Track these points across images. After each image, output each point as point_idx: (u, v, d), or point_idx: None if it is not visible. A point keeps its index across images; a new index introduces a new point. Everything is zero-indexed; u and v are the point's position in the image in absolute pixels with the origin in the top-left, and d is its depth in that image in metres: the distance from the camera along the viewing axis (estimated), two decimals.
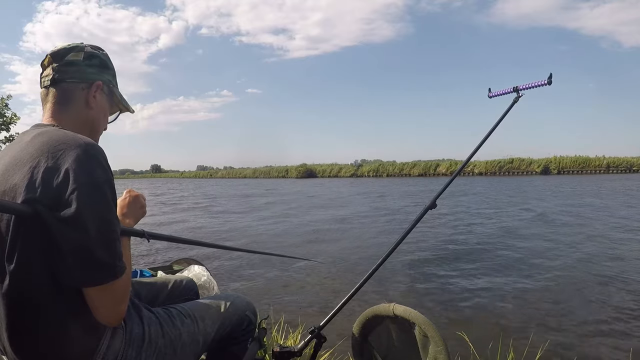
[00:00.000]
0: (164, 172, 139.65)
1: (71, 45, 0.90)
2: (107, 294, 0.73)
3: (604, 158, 37.41)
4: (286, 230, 7.82)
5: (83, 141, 0.74)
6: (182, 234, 7.79)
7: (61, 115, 0.86)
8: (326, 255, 5.39)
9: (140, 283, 1.20)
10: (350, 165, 53.59)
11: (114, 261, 0.72)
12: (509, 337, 2.43)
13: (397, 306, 1.14)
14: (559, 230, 6.62)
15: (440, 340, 1.04)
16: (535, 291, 3.61)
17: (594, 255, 4.82)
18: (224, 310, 1.09)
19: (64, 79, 0.87)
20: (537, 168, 38.36)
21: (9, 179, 0.72)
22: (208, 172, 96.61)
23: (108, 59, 0.96)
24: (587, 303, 3.26)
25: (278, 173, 60.49)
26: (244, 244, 6.50)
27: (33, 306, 0.73)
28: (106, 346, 0.80)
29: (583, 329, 2.76)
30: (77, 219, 0.67)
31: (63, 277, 0.70)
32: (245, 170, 75.87)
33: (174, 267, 2.04)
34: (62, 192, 0.67)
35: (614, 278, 3.88)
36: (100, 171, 0.72)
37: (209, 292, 1.72)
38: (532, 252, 5.15)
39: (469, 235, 6.48)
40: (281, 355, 1.21)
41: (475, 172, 40.41)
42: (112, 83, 0.96)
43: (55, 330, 0.74)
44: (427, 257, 5.05)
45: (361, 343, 1.24)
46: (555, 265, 4.42)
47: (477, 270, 4.35)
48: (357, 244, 6.19)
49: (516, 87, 1.48)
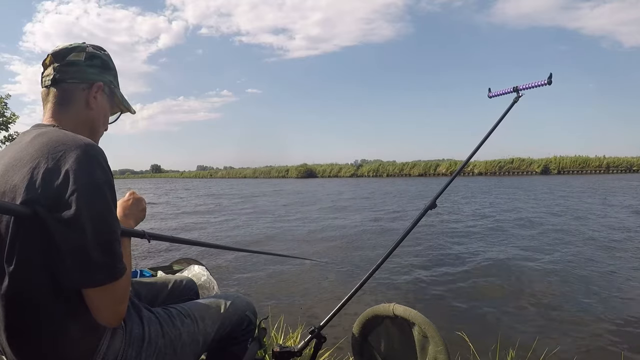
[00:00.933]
0: (164, 172, 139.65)
1: (73, 45, 0.89)
2: (106, 295, 0.73)
3: (604, 158, 37.43)
4: (287, 229, 7.82)
5: (83, 142, 0.74)
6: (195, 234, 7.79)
7: (61, 115, 0.86)
8: (325, 255, 5.39)
9: (140, 283, 1.20)
10: (350, 165, 53.61)
11: (113, 262, 0.72)
12: (509, 337, 2.43)
13: (397, 306, 1.14)
14: (559, 231, 6.61)
15: (440, 340, 1.04)
16: (535, 291, 3.61)
17: (594, 256, 4.82)
18: (224, 310, 1.08)
19: (64, 79, 0.87)
20: (537, 168, 38.37)
21: (9, 179, 0.72)
22: (208, 172, 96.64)
23: (110, 59, 0.96)
24: (588, 303, 3.25)
25: (278, 173, 60.51)
26: (252, 242, 6.51)
27: (33, 307, 0.72)
28: (106, 346, 0.80)
29: (583, 329, 2.76)
30: (77, 220, 0.67)
31: (62, 278, 0.70)
32: (245, 170, 75.89)
33: (174, 267, 2.04)
34: (62, 193, 0.67)
35: (614, 278, 3.88)
36: (100, 172, 0.72)
37: (209, 292, 1.72)
38: (532, 252, 5.14)
39: (469, 236, 6.47)
40: (281, 355, 1.21)
41: (475, 172, 40.42)
42: (113, 84, 0.95)
43: (55, 330, 0.74)
44: (427, 257, 5.05)
45: (361, 343, 1.24)
46: (555, 266, 4.42)
47: (477, 270, 4.35)
48: (358, 244, 6.19)
49: (516, 87, 1.48)
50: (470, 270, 4.36)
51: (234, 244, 6.56)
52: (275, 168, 65.08)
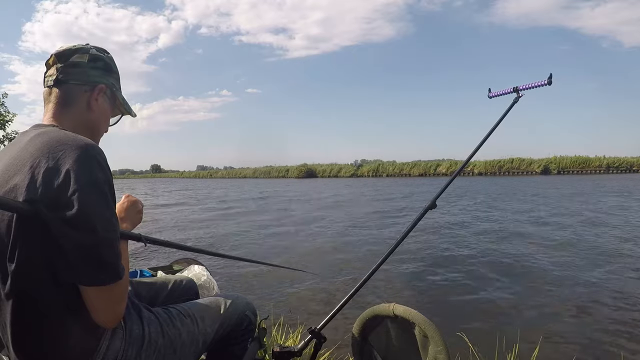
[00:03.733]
0: (164, 172, 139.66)
1: (76, 47, 0.90)
2: (106, 295, 0.73)
3: (604, 158, 37.40)
4: (289, 228, 7.82)
5: (83, 142, 0.74)
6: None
7: (62, 116, 0.86)
8: (325, 256, 5.39)
9: (140, 283, 1.20)
10: (350, 165, 53.59)
11: (115, 262, 0.73)
12: (509, 337, 2.43)
13: (397, 306, 1.14)
14: (559, 231, 6.61)
15: (440, 340, 1.04)
16: (535, 291, 3.61)
17: (595, 255, 4.82)
18: (223, 310, 1.09)
19: (67, 80, 0.87)
20: (537, 168, 38.36)
21: (9, 179, 0.72)
22: (208, 172, 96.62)
23: (112, 62, 0.96)
24: (588, 303, 3.25)
25: (278, 173, 60.49)
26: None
27: (34, 306, 0.73)
28: (106, 346, 0.80)
29: (583, 329, 2.76)
30: (79, 220, 0.67)
31: (64, 277, 0.70)
32: (245, 170, 75.87)
33: (173, 267, 2.04)
34: (63, 192, 0.68)
35: (615, 279, 3.88)
36: (100, 172, 0.72)
37: (209, 292, 1.71)
38: (533, 252, 5.14)
39: (469, 236, 6.47)
40: (281, 355, 1.21)
41: (475, 172, 40.40)
42: (115, 86, 0.95)
43: (56, 330, 0.74)
44: (427, 257, 5.05)
45: (361, 343, 1.24)
46: (556, 266, 4.42)
47: (477, 271, 4.35)
48: (357, 244, 6.18)
49: (516, 88, 1.48)
50: (470, 271, 4.36)
51: (232, 248, 6.57)
52: (275, 168, 65.07)
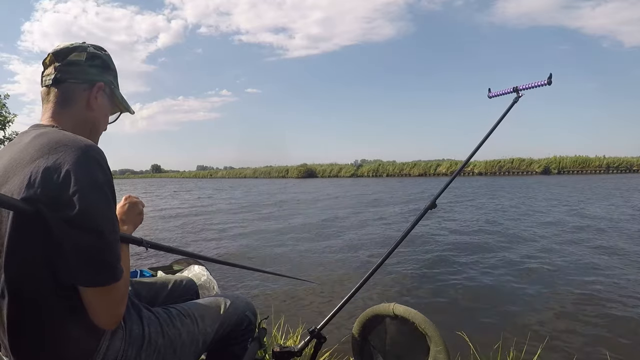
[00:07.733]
0: (164, 172, 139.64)
1: (74, 45, 0.89)
2: (105, 296, 0.73)
3: (604, 158, 37.37)
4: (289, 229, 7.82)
5: (83, 143, 0.74)
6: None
7: (61, 116, 0.86)
8: (325, 256, 5.40)
9: (140, 283, 1.20)
10: (350, 165, 53.55)
11: (115, 263, 0.73)
12: (509, 337, 2.43)
13: (397, 306, 1.14)
14: (560, 231, 6.61)
15: (440, 340, 1.04)
16: (535, 291, 3.60)
17: (595, 255, 4.82)
18: (223, 310, 1.09)
19: (65, 79, 0.86)
20: (537, 168, 38.34)
21: (9, 180, 0.72)
22: (208, 172, 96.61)
23: (110, 59, 0.95)
24: (588, 303, 3.25)
25: (278, 173, 60.45)
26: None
27: (34, 306, 0.73)
28: (106, 346, 0.80)
29: (583, 329, 2.76)
30: (80, 220, 0.67)
31: (64, 277, 0.70)
32: (245, 170, 75.82)
33: (174, 267, 2.04)
34: (64, 193, 0.67)
35: (616, 279, 3.88)
36: (101, 173, 0.72)
37: (209, 292, 1.72)
38: (534, 252, 5.14)
39: (469, 236, 6.47)
40: (281, 355, 1.21)
41: (475, 172, 40.39)
42: (113, 84, 0.95)
43: (56, 330, 0.74)
44: (427, 257, 5.04)
45: (361, 343, 1.24)
46: (557, 266, 4.41)
47: (477, 271, 4.35)
48: (357, 244, 6.18)
49: (516, 87, 1.48)
50: (470, 270, 4.36)
51: (232, 251, 6.57)
52: (275, 168, 65.03)
